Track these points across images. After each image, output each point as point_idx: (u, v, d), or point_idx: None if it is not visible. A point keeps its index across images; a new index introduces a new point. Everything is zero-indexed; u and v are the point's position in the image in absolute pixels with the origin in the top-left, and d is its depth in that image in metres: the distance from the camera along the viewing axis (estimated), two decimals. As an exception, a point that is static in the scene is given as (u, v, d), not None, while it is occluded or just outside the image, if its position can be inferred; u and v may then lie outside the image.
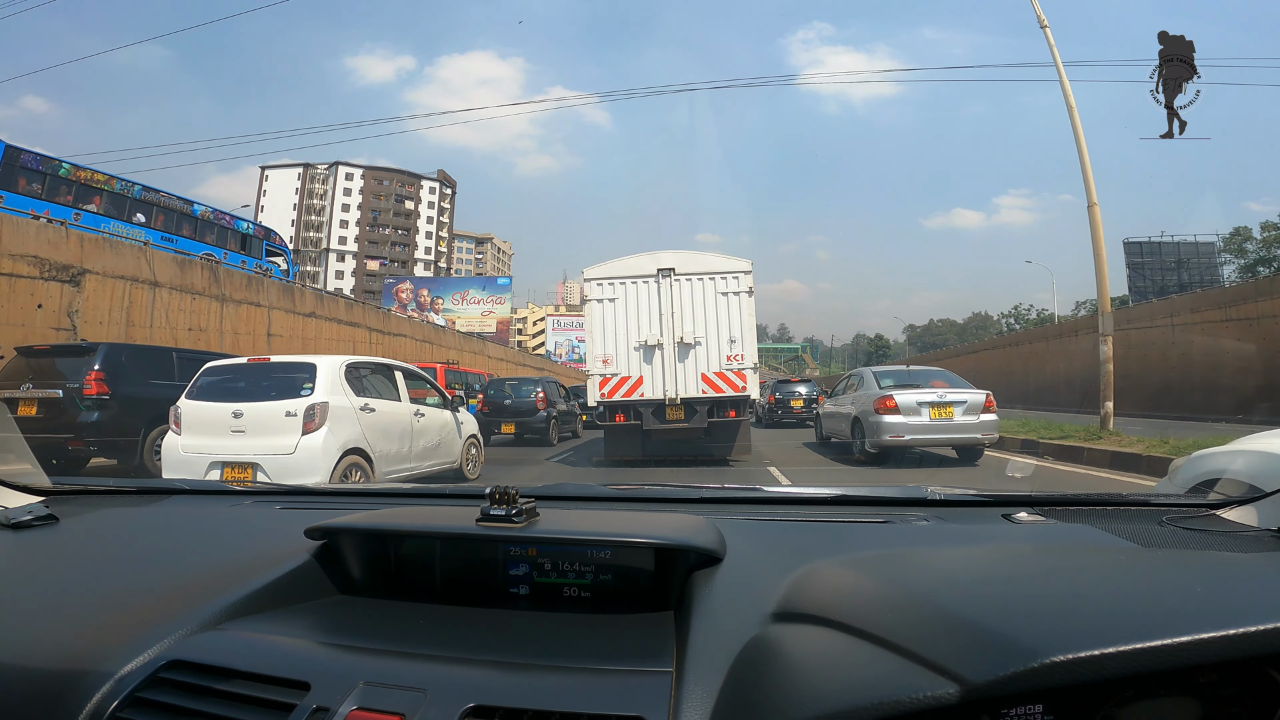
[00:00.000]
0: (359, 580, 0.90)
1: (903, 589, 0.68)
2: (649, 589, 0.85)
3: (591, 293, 8.16)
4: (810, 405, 15.73)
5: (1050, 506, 1.13)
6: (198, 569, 0.92)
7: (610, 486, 1.44)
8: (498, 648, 0.74)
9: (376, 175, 69.74)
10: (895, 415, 7.69)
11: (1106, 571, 0.74)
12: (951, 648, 0.53)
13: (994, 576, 0.74)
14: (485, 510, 0.86)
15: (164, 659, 0.69)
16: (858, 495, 1.25)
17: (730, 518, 1.07)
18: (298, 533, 0.93)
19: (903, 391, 7.91)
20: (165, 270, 12.55)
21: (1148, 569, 0.75)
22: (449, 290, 55.04)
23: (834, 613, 0.64)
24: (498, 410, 11.87)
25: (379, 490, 1.72)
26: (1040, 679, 0.48)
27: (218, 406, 4.85)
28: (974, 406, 7.80)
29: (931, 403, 7.72)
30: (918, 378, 8.63)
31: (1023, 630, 0.53)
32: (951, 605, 0.60)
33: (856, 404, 8.53)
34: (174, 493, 1.49)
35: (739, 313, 8.00)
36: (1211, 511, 1.06)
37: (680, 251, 8.22)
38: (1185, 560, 0.82)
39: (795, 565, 0.79)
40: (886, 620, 0.60)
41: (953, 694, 0.49)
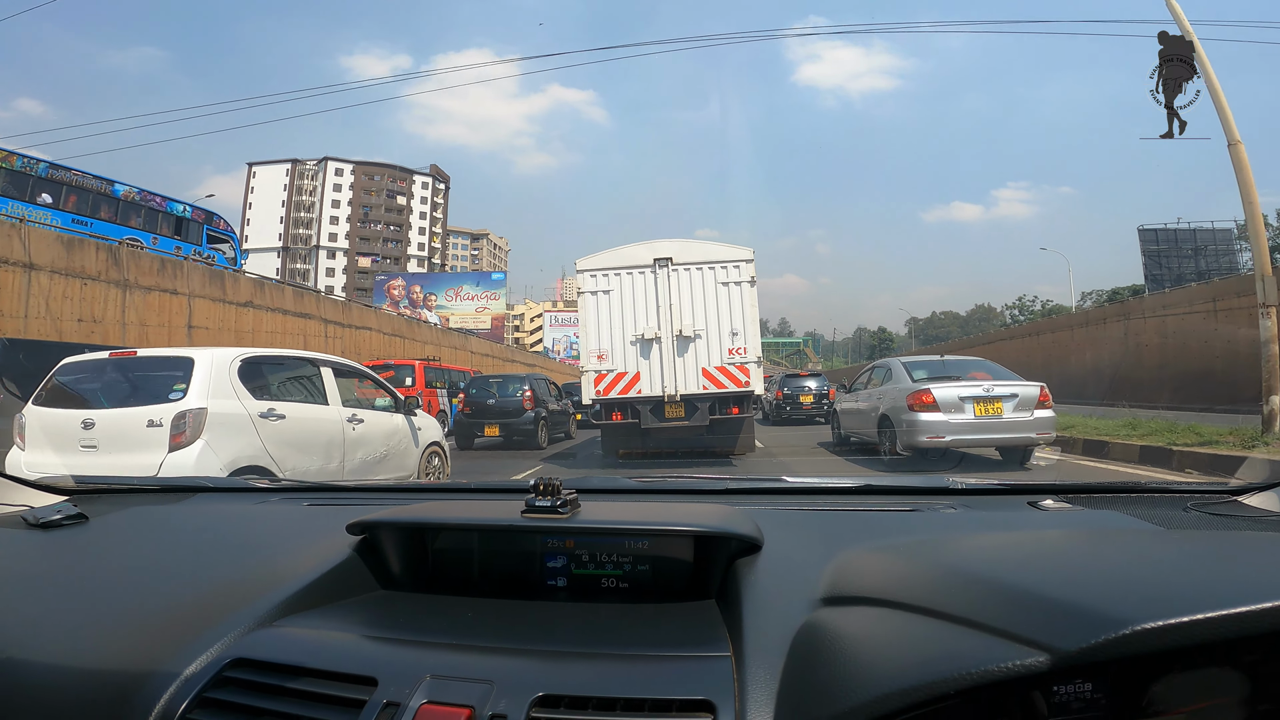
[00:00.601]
0: (399, 575, 0.91)
1: (954, 569, 0.69)
2: (687, 578, 0.85)
3: (585, 285, 7.84)
4: (820, 400, 15.09)
5: (1075, 494, 1.15)
6: (242, 566, 0.91)
7: (638, 478, 1.47)
8: (552, 638, 0.74)
9: (367, 170, 68.91)
10: (933, 413, 6.64)
11: (1154, 549, 0.76)
12: (1034, 620, 0.53)
13: (1043, 553, 0.76)
14: (530, 502, 0.86)
15: (228, 657, 0.69)
16: (883, 485, 1.30)
17: (760, 508, 1.09)
18: (333, 528, 0.94)
19: (941, 385, 6.82)
20: (45, 251, 10.85)
21: (1194, 546, 0.76)
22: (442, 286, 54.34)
23: (888, 594, 0.65)
24: (480, 411, 10.80)
25: (405, 486, 1.63)
26: (1129, 646, 0.49)
27: (68, 414, 3.86)
28: (1026, 401, 6.70)
29: (977, 397, 6.63)
30: (955, 369, 7.56)
31: (1108, 601, 0.54)
32: (1017, 581, 0.61)
33: (884, 400, 7.49)
34: (197, 490, 1.49)
35: (741, 303, 7.59)
36: (1234, 498, 1.07)
37: (678, 240, 7.94)
38: (1228, 539, 0.82)
39: (831, 552, 0.81)
40: (948, 598, 0.60)
41: (1043, 662, 0.50)
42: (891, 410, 7.18)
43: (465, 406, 10.87)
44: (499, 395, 10.86)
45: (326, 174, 67.24)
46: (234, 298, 15.08)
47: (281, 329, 16.50)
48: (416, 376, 13.49)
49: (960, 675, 0.51)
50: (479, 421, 10.67)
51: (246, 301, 15.45)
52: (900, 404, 6.95)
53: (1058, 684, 0.52)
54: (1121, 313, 20.14)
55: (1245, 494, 1.06)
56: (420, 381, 13.41)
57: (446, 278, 58.61)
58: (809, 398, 15.39)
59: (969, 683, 0.51)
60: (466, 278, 57.72)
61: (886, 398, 7.45)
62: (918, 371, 7.50)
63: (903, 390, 7.09)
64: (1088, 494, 1.16)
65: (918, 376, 7.31)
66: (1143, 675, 0.53)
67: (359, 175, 68.15)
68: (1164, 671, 0.53)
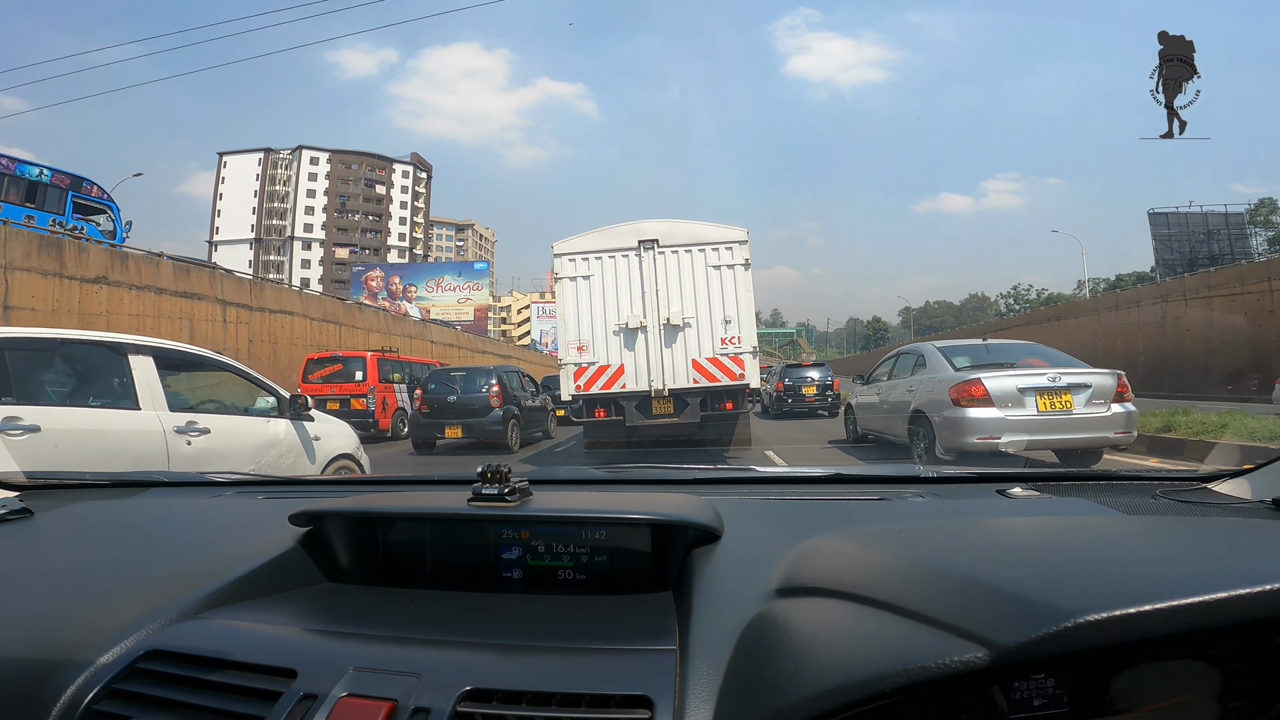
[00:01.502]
0: (347, 567, 0.89)
1: (912, 559, 0.68)
2: (645, 570, 0.84)
3: (563, 270, 7.22)
4: (824, 392, 14.39)
5: (1044, 482, 1.14)
6: (178, 559, 0.91)
7: (603, 468, 1.47)
8: (493, 631, 0.73)
9: (344, 159, 67.52)
10: (985, 408, 5.48)
11: (1117, 537, 0.75)
12: (976, 613, 0.53)
13: (1002, 544, 0.75)
14: (477, 490, 0.85)
15: (142, 649, 0.69)
16: (852, 474, 1.27)
17: (725, 498, 1.07)
18: (282, 520, 0.92)
19: (994, 374, 5.69)
20: None
21: (1159, 534, 0.76)
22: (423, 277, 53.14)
23: (842, 585, 0.65)
24: (440, 409, 9.57)
25: (368, 480, 1.63)
26: (1072, 640, 0.48)
27: None
28: (1102, 392, 5.55)
29: (1041, 389, 5.48)
30: (1002, 354, 6.46)
31: (1050, 593, 0.53)
32: (969, 572, 0.60)
33: (918, 393, 6.41)
34: (152, 485, 1.47)
35: (734, 289, 7.08)
36: (1204, 484, 1.07)
37: (665, 220, 7.33)
38: (1195, 526, 0.81)
39: (794, 542, 0.80)
40: (900, 590, 0.59)
41: (981, 658, 0.50)
42: (929, 405, 6.06)
43: (423, 404, 9.72)
44: (462, 391, 9.68)
45: (301, 163, 65.74)
46: (78, 272, 12.04)
47: (155, 312, 13.56)
48: (369, 370, 12.38)
49: (897, 672, 0.50)
50: (439, 421, 9.52)
51: (98, 277, 12.41)
52: (941, 398, 5.82)
53: (1018, 679, 0.52)
54: (1159, 294, 19.00)
55: (1215, 481, 1.06)
56: (373, 375, 12.36)
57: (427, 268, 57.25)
58: (812, 389, 14.52)
59: (906, 680, 0.50)
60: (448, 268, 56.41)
61: (921, 390, 6.34)
62: (959, 358, 6.33)
63: (944, 381, 5.92)
64: (1057, 482, 1.17)
65: (960, 364, 6.17)
66: (1108, 669, 0.52)
67: (335, 164, 66.70)
68: (1130, 665, 0.53)
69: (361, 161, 68.37)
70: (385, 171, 69.06)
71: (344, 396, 12.00)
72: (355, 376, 12.40)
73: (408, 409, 12.52)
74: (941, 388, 5.91)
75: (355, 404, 11.95)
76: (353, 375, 12.42)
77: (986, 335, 7.77)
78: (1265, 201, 35.95)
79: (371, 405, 12.08)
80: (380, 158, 69.46)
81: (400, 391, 12.98)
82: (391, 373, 13.08)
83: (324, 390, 11.90)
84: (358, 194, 67.27)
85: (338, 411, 11.65)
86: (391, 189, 69.09)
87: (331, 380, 12.33)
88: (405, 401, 12.87)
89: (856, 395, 8.43)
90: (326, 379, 12.38)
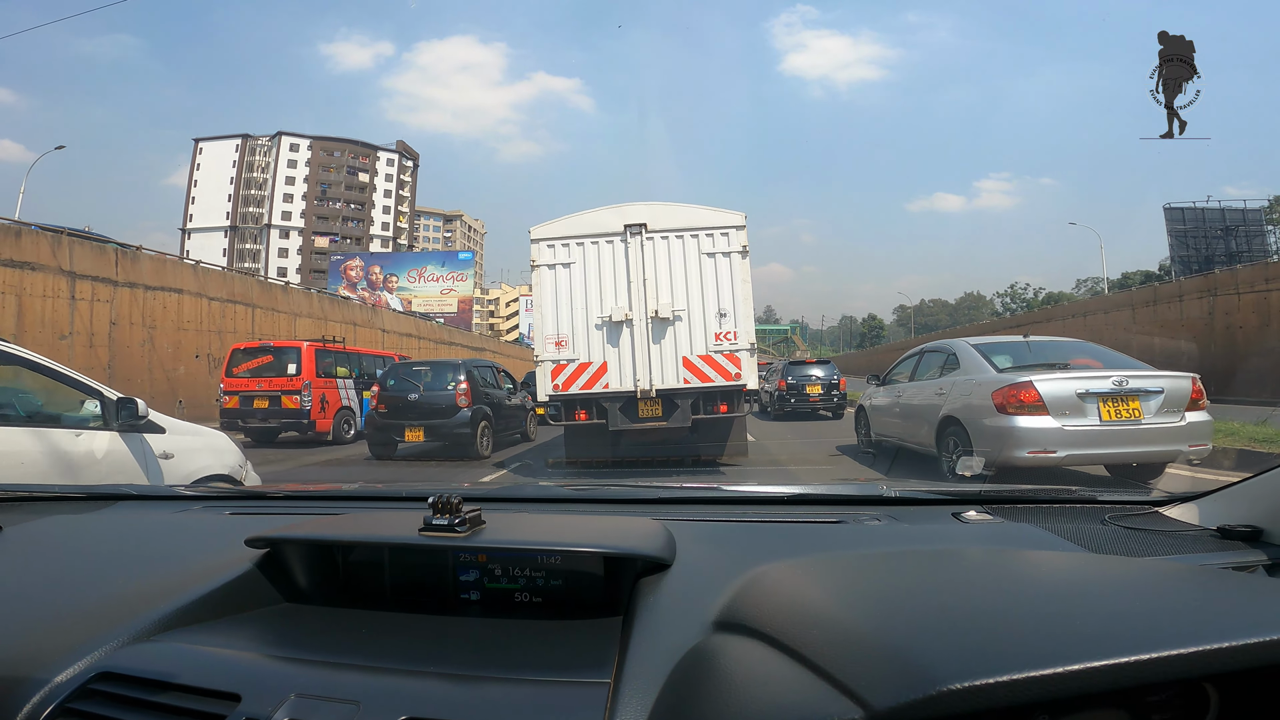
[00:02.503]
0: (305, 588, 0.91)
1: (834, 600, 0.69)
2: (599, 594, 0.85)
3: (541, 256, 6.67)
4: (830, 392, 13.69)
5: (999, 505, 1.17)
6: (138, 578, 0.93)
7: (564, 486, 1.52)
8: (440, 658, 0.75)
9: (326, 146, 66.38)
10: (1038, 417, 4.74)
11: (1047, 582, 0.75)
12: (862, 670, 0.53)
13: (927, 585, 0.75)
14: (427, 519, 0.86)
15: (94, 670, 0.71)
16: (815, 494, 1.29)
17: (686, 519, 1.11)
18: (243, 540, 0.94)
19: (1048, 376, 4.95)
20: None
21: (1079, 579, 0.76)
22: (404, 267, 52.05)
23: (768, 625, 0.66)
24: (400, 409, 8.56)
25: (336, 494, 1.59)
26: (940, 707, 0.48)
27: None
28: (1175, 399, 4.85)
29: (1105, 394, 4.77)
30: (1049, 353, 5.71)
31: (928, 653, 0.53)
32: (871, 622, 0.61)
33: (950, 396, 5.66)
34: (121, 498, 1.49)
35: (730, 278, 6.49)
36: (1154, 509, 1.10)
37: (654, 204, 6.78)
38: (1119, 570, 0.81)
39: (742, 569, 0.81)
40: (813, 636, 0.61)
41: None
42: (965, 412, 5.31)
43: (380, 403, 8.73)
44: (425, 388, 8.64)
45: (280, 149, 64.50)
46: None
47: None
48: (304, 363, 10.68)
49: None
50: (398, 423, 8.47)
51: None
52: (982, 403, 5.07)
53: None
54: (1206, 288, 17.67)
55: (1167, 505, 1.09)
56: (309, 369, 10.69)
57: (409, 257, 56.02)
58: (816, 388, 13.72)
59: None
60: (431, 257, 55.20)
61: (955, 394, 5.58)
62: (999, 357, 5.58)
63: (985, 384, 5.17)
64: (1011, 504, 1.19)
65: (1002, 364, 5.44)
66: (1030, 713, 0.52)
67: (317, 151, 65.52)
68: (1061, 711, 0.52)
69: (344, 149, 67.21)
70: (369, 159, 67.94)
71: (273, 394, 10.50)
72: (287, 370, 10.66)
73: (355, 409, 11.39)
74: (982, 391, 5.16)
75: (287, 402, 10.46)
76: (285, 369, 10.68)
77: (1027, 332, 7.01)
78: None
79: (306, 404, 10.49)
80: (364, 145, 68.32)
81: (346, 388, 11.48)
82: (335, 366, 11.45)
83: (250, 385, 10.58)
84: (340, 182, 66.11)
85: (266, 410, 10.45)
86: (375, 177, 67.99)
87: (260, 374, 10.71)
88: (353, 400, 11.51)
89: (870, 397, 7.71)
90: (254, 373, 10.73)
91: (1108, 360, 5.49)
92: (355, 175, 66.92)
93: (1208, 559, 0.88)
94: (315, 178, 65.14)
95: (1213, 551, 0.91)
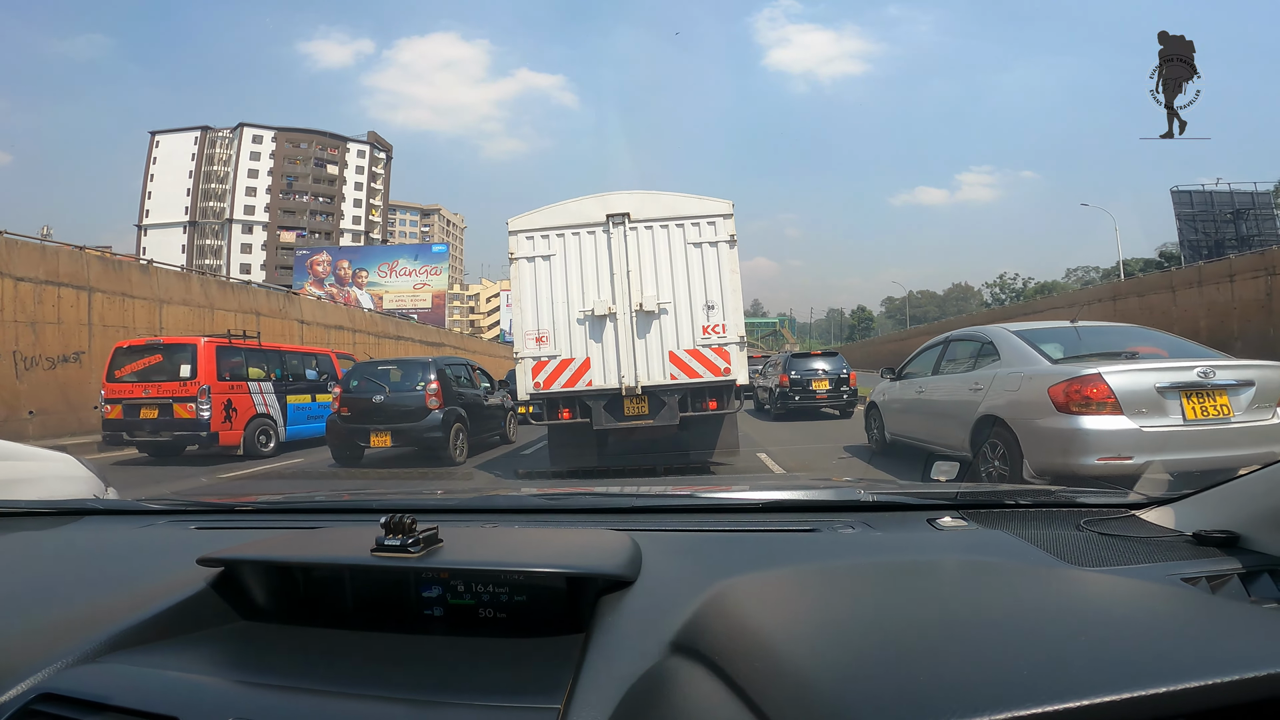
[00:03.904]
0: (264, 605, 0.91)
1: (788, 625, 0.69)
2: (562, 611, 0.85)
3: (519, 249, 6.50)
4: (839, 387, 12.51)
5: (975, 509, 1.17)
6: (92, 596, 0.94)
7: (534, 493, 1.50)
8: (393, 680, 0.75)
9: (291, 138, 65.23)
10: (1110, 416, 4.08)
11: (1003, 610, 0.72)
12: (797, 709, 0.53)
13: (879, 614, 0.73)
14: (379, 540, 0.86)
15: (36, 692, 0.72)
16: (789, 500, 1.30)
17: (655, 529, 1.12)
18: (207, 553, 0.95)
19: (1118, 367, 4.26)
20: None
21: (1042, 601, 0.73)
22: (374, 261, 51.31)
23: (719, 651, 0.65)
24: (364, 413, 8.08)
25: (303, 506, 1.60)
26: None
27: None
28: (1268, 392, 4.19)
29: (1187, 386, 4.11)
30: (1105, 340, 5.09)
31: (862, 698, 0.52)
32: (816, 656, 0.60)
33: (989, 392, 4.97)
34: (87, 513, 1.50)
35: (718, 269, 6.38)
36: (1131, 512, 1.11)
37: (638, 192, 6.67)
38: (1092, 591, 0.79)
39: (707, 584, 0.80)
40: (758, 668, 0.60)
41: None
42: (1012, 410, 4.63)
43: (343, 406, 8.26)
44: (391, 390, 8.23)
45: (243, 141, 63.21)
46: None
47: None
48: (200, 363, 9.02)
49: None
50: (363, 427, 8.04)
51: None
52: (1035, 399, 4.39)
53: None
54: (1263, 265, 16.68)
55: (1143, 509, 1.10)
56: (208, 370, 9.07)
57: (379, 251, 55.12)
58: (823, 384, 12.42)
59: None
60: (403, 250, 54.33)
61: (996, 389, 4.89)
62: (1048, 345, 4.85)
63: (1038, 377, 4.49)
64: (987, 509, 1.18)
65: (1055, 354, 4.73)
66: None
67: (281, 142, 64.34)
68: None
69: (311, 140, 66.04)
70: (338, 151, 66.89)
71: (164, 401, 8.91)
72: (180, 373, 9.02)
73: (276, 417, 10.07)
74: (1035, 386, 4.47)
75: (180, 411, 8.87)
76: (177, 371, 9.05)
77: (1075, 317, 6.41)
78: (1290, 180, 34.97)
79: (205, 413, 8.88)
80: (332, 136, 67.21)
81: (263, 393, 9.95)
82: (246, 366, 9.87)
83: (136, 391, 9.00)
84: (307, 174, 64.98)
85: (156, 421, 8.85)
86: (345, 169, 66.99)
87: (148, 378, 9.08)
88: (272, 406, 10.04)
89: (884, 393, 7.11)
90: (142, 376, 9.12)
91: (1174, 348, 4.79)
92: (323, 167, 65.79)
93: (1183, 568, 0.88)
94: (280, 170, 63.94)
95: (1188, 559, 0.91)
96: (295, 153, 64.99)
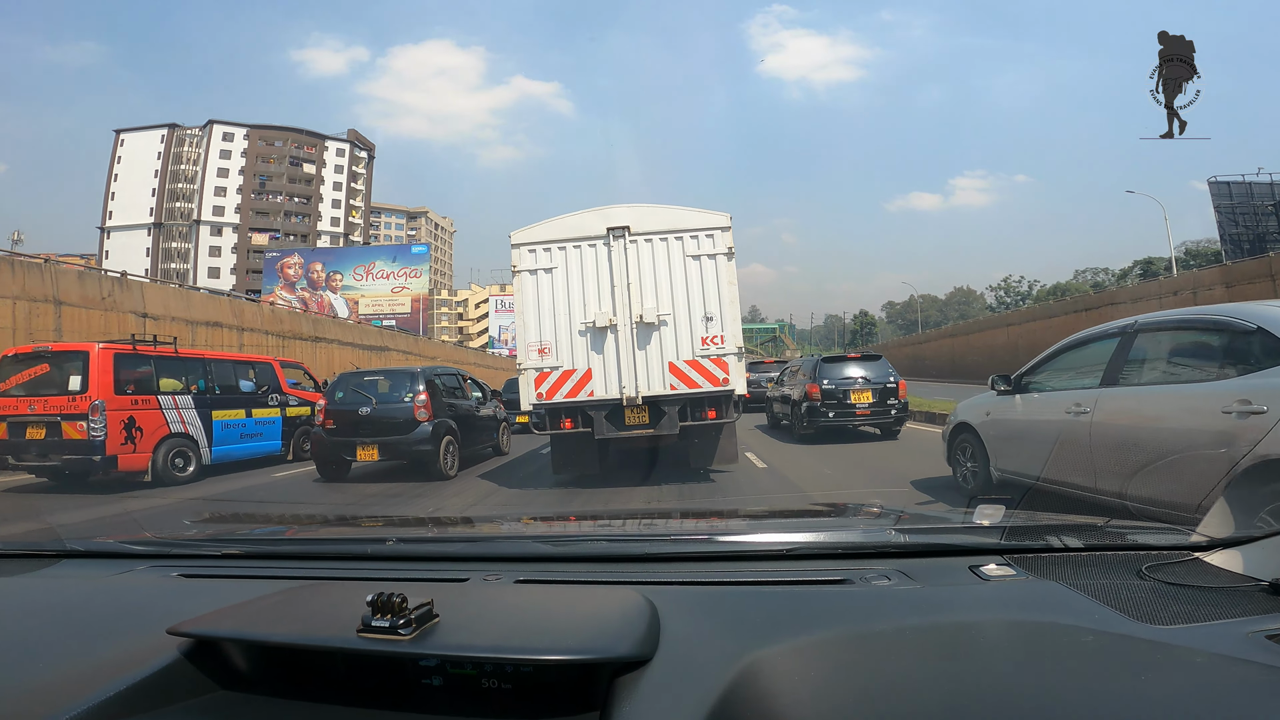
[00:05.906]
0: (246, 674, 0.88)
1: (820, 714, 0.66)
2: (572, 685, 0.81)
3: (522, 262, 6.95)
4: (886, 400, 10.05)
5: (1021, 554, 1.11)
6: (57, 664, 0.90)
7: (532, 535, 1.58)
8: None
9: (265, 135, 65.29)
10: None
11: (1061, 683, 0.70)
12: None
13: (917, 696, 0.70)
14: (365, 620, 0.81)
15: None
16: (816, 544, 1.25)
17: (670, 581, 1.09)
18: (184, 612, 0.91)
19: None
20: None
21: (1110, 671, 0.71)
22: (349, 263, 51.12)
23: None
24: (349, 426, 8.14)
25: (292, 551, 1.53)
26: None
27: None
28: None
29: None
30: None
31: None
32: None
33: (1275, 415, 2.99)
34: (66, 555, 1.48)
35: (716, 281, 6.83)
36: (1195, 555, 1.05)
37: (637, 206, 7.07)
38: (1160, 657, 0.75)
39: (737, 652, 0.79)
40: None
41: None
42: None
43: (327, 419, 8.32)
44: (378, 401, 8.31)
45: (212, 139, 63.14)
46: None
47: None
48: (93, 374, 8.02)
49: None
50: (348, 441, 8.07)
51: None
52: None
53: None
54: None
55: (1208, 552, 1.03)
56: (103, 383, 8.07)
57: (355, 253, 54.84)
58: (865, 395, 10.02)
59: None
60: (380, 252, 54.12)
61: None
62: None
63: None
64: (1035, 554, 1.12)
65: None
66: None
67: (254, 140, 64.30)
68: None
69: (286, 138, 66.07)
70: (315, 149, 66.87)
71: (52, 419, 7.93)
72: (70, 385, 8.02)
73: (198, 436, 9.18)
74: None
75: (69, 430, 7.91)
76: (65, 383, 8.06)
77: None
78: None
79: (99, 433, 7.89)
80: (309, 134, 67.23)
81: (179, 408, 9.00)
82: (155, 377, 8.87)
83: (22, 408, 8.01)
84: (281, 173, 64.99)
85: (43, 443, 7.93)
86: (323, 169, 67.02)
87: (36, 391, 8.11)
88: (192, 423, 9.12)
89: (986, 410, 5.43)
90: (29, 389, 8.14)
91: None
92: (299, 166, 65.80)
93: (1264, 623, 0.80)
94: (252, 169, 63.87)
95: (1269, 613, 0.83)
96: (269, 151, 64.98)
